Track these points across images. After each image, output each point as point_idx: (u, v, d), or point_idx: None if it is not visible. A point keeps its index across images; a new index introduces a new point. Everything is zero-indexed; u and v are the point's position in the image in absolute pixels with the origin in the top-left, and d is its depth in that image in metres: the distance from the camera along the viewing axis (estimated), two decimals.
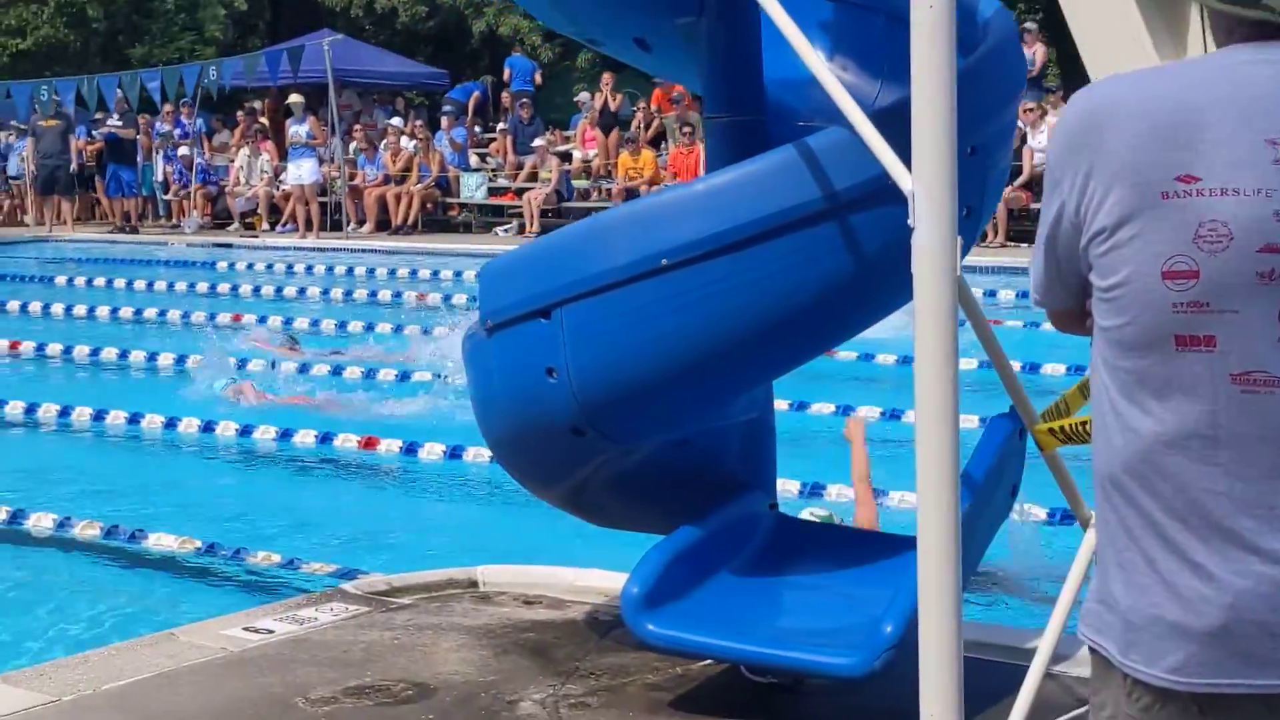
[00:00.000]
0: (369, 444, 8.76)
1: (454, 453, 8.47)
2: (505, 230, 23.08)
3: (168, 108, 24.77)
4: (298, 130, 23.42)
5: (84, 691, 4.43)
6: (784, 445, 4.85)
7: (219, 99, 25.43)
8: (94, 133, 25.39)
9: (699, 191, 4.00)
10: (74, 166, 25.00)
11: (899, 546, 4.39)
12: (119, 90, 23.37)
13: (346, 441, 8.85)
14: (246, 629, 4.99)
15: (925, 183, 3.11)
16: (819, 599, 4.30)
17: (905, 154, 3.75)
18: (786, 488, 6.71)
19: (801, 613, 4.26)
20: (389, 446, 8.70)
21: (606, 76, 24.65)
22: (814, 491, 7.27)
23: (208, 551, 6.80)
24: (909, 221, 3.09)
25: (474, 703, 4.29)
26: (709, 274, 3.91)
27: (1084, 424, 3.37)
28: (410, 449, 8.62)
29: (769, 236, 3.89)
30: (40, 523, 7.33)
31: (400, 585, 5.47)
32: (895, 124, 3.28)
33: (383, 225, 23.62)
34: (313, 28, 30.69)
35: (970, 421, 8.49)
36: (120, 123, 24.54)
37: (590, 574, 5.44)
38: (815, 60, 3.52)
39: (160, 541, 6.95)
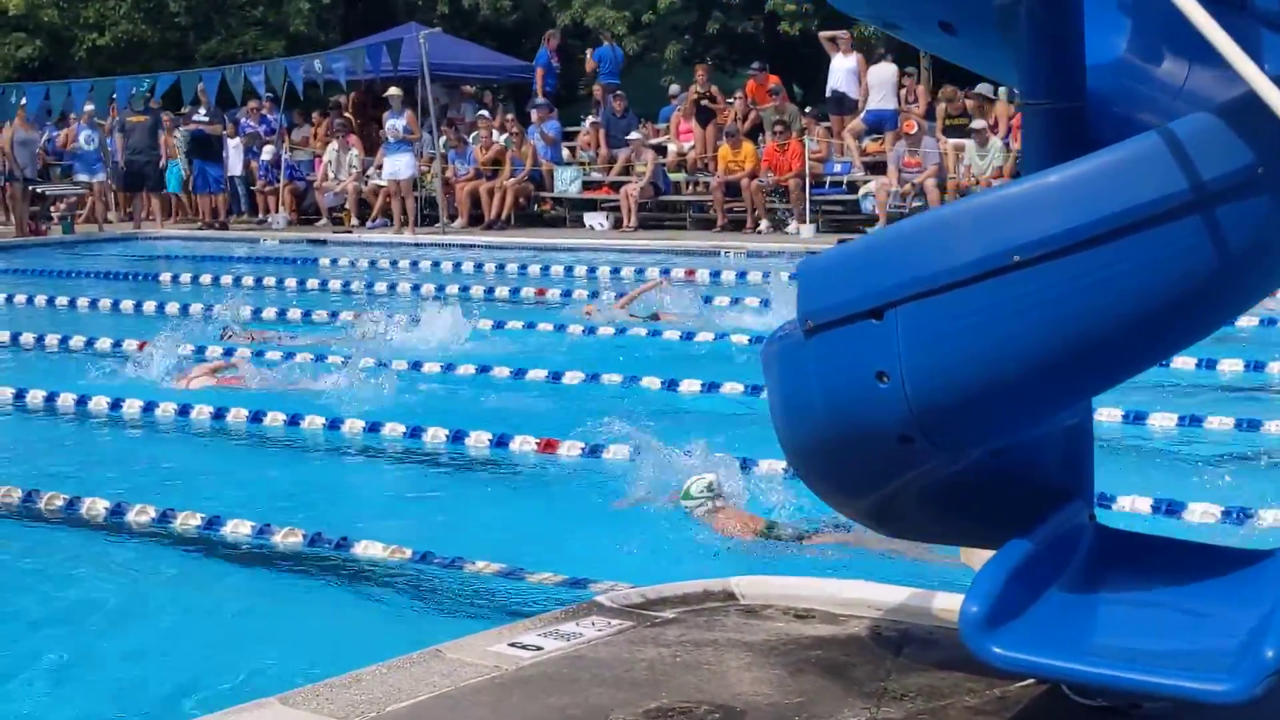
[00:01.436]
0: (548, 447, 8.53)
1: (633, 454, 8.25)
2: (600, 224, 22.88)
3: (252, 104, 24.67)
4: (395, 124, 23.24)
5: (369, 714, 4.21)
6: None
7: (289, 96, 25.32)
8: (179, 129, 25.33)
9: (1054, 183, 3.73)
10: (163, 162, 24.98)
11: (1243, 561, 4.13)
12: (222, 83, 23.27)
13: (524, 444, 8.62)
14: (512, 645, 4.76)
15: None
16: (1165, 617, 4.02)
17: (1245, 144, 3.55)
18: None
19: (1151, 632, 3.98)
20: (569, 449, 8.47)
21: (701, 69, 24.40)
22: None
23: (420, 560, 6.56)
24: None
25: None
26: (1064, 272, 3.64)
27: None
28: (594, 451, 8.38)
29: (1131, 231, 3.62)
30: (238, 529, 7.13)
31: (655, 598, 5.23)
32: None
33: (474, 220, 23.45)
34: (386, 21, 30.58)
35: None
36: (207, 118, 24.45)
37: (854, 585, 5.20)
38: (1226, 41, 3.24)
39: (368, 550, 6.72)
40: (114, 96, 24.29)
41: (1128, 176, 3.65)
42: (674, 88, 25.03)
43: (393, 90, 23.82)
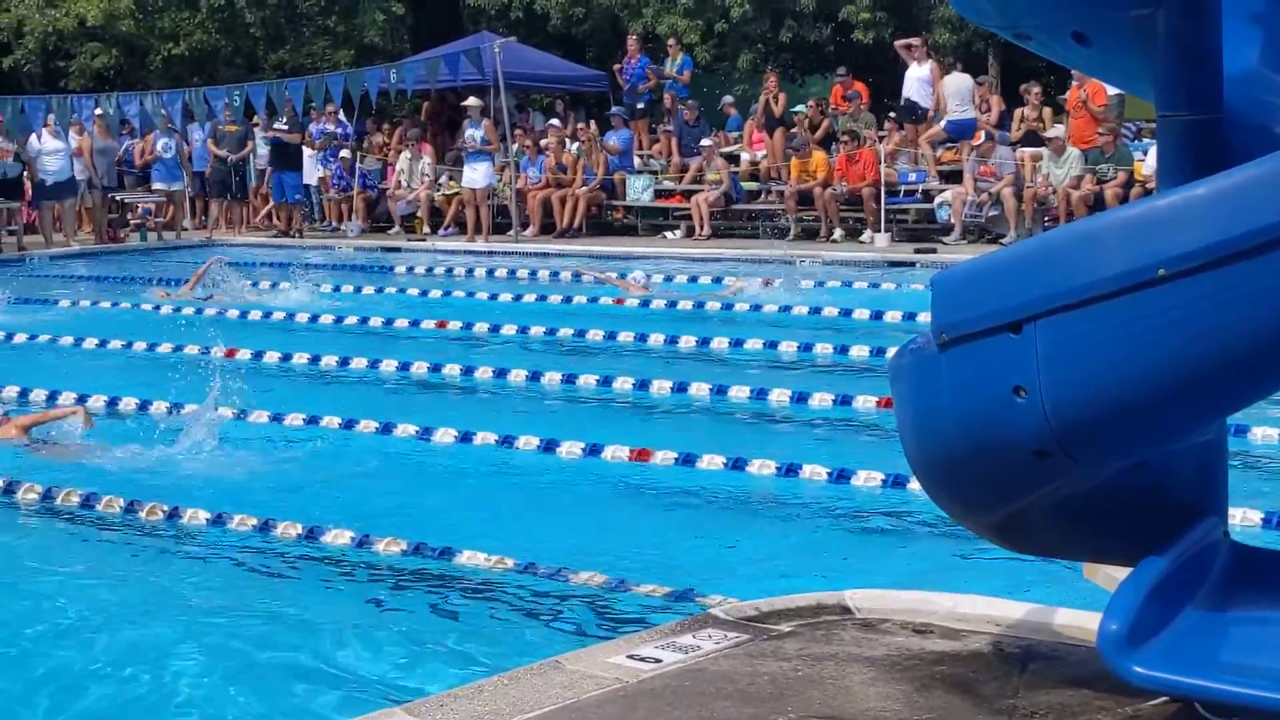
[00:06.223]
0: (641, 456, 8.52)
1: (735, 464, 8.22)
2: (674, 234, 22.86)
3: (330, 108, 24.79)
4: (473, 134, 23.34)
5: None
6: None
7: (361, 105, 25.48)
8: (261, 137, 25.53)
9: (1201, 195, 3.67)
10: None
11: None
12: (305, 94, 23.46)
13: (618, 453, 8.62)
14: (631, 657, 4.74)
15: None
16: None
17: None
18: None
19: None
20: (663, 458, 8.45)
21: (771, 78, 24.35)
22: None
23: (525, 570, 6.55)
24: None
25: None
26: (1210, 286, 3.59)
27: None
28: (687, 460, 8.37)
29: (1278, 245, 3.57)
30: (338, 539, 7.14)
31: (769, 610, 5.19)
32: None
33: (546, 228, 23.48)
34: (453, 30, 30.66)
35: None
36: (286, 127, 24.60)
37: (971, 600, 5.14)
38: None
39: (472, 560, 6.71)
40: (208, 105, 24.55)
41: (1278, 189, 3.60)
42: (727, 98, 25.06)
43: (471, 100, 23.92)
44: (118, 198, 25.29)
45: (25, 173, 24.13)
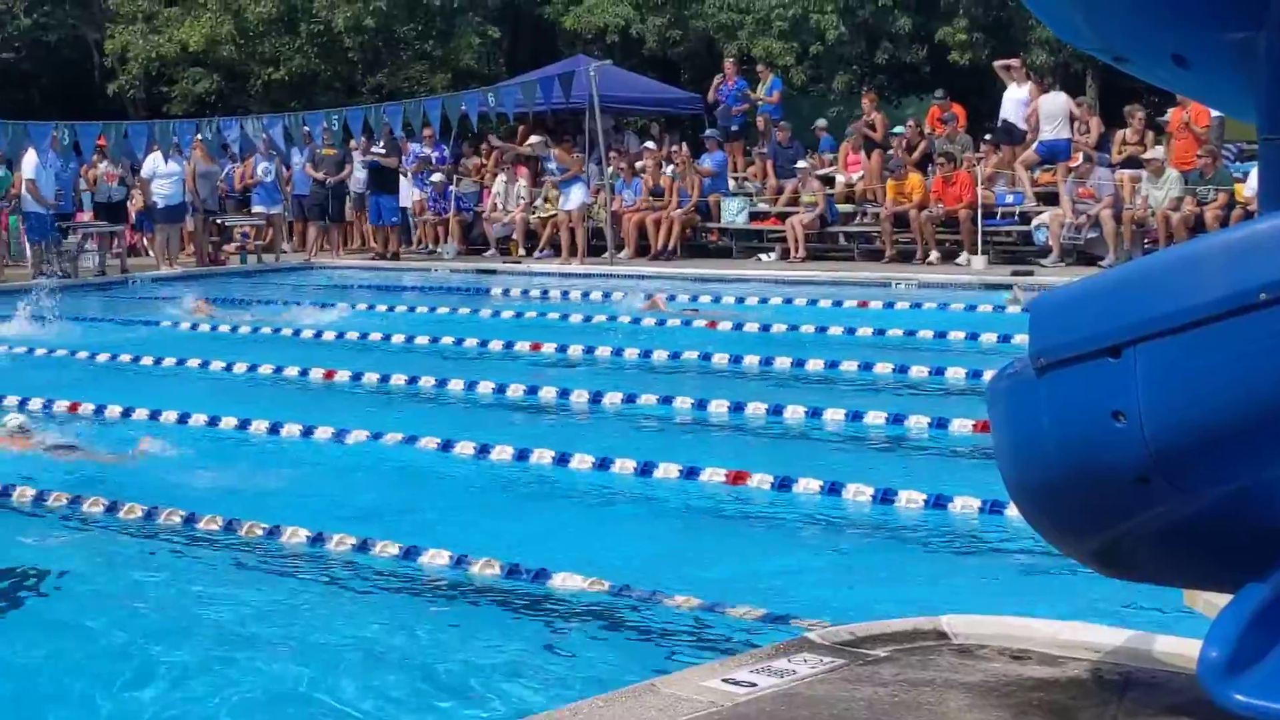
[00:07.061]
0: (737, 479, 8.53)
1: (831, 489, 8.21)
2: (769, 256, 22.84)
3: (427, 131, 25.01)
4: (550, 168, 23.65)
5: None
6: None
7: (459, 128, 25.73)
8: (359, 161, 25.80)
9: None
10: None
11: None
12: (403, 117, 23.70)
13: (714, 475, 8.63)
14: (726, 681, 4.74)
15: None
16: None
17: None
18: None
19: None
20: (759, 481, 8.46)
21: (867, 98, 24.28)
22: None
23: (620, 592, 6.57)
24: None
25: None
26: None
27: None
28: (783, 483, 8.36)
29: None
30: (435, 560, 7.20)
31: (865, 635, 5.18)
32: None
33: (641, 250, 23.54)
34: (548, 53, 30.86)
35: None
36: (384, 151, 24.84)
37: (1071, 626, 5.10)
38: None
39: (568, 581, 6.75)
40: (307, 129, 24.81)
41: None
42: (820, 121, 25.04)
43: (533, 138, 24.20)
44: (219, 221, 25.64)
45: (129, 196, 24.56)
